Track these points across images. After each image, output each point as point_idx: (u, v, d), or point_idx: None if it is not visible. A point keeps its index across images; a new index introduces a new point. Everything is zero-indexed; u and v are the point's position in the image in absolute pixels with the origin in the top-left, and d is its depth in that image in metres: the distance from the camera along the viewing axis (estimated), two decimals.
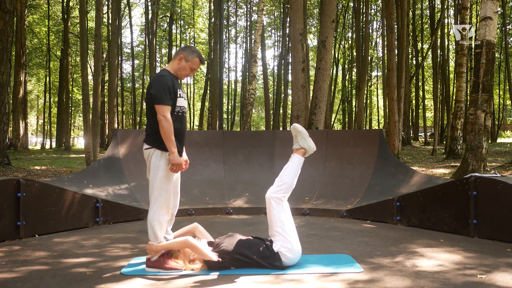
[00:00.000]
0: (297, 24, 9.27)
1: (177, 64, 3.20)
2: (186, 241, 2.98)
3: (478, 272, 2.83)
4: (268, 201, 3.12)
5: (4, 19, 10.62)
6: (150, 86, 3.11)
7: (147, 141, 3.15)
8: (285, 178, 3.15)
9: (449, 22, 24.95)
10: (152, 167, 3.09)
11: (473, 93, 7.08)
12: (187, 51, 3.21)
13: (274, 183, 3.18)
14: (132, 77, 30.14)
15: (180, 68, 3.20)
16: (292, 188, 3.17)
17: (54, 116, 33.38)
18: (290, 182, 3.15)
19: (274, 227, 3.07)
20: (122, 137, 6.81)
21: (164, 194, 3.07)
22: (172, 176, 3.12)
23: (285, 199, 3.14)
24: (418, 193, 4.64)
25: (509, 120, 40.71)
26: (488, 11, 6.92)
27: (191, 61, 3.20)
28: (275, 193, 3.11)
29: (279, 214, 3.07)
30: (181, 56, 3.19)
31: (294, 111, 9.42)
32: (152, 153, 3.11)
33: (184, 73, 3.22)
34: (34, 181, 4.25)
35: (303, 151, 3.27)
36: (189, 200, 6.07)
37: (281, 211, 3.08)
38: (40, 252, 3.51)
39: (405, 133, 22.16)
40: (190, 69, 3.23)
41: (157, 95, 3.04)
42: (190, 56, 3.20)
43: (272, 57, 42.91)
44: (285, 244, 3.00)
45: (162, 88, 3.05)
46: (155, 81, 3.11)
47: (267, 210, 3.14)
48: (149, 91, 3.09)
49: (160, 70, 3.24)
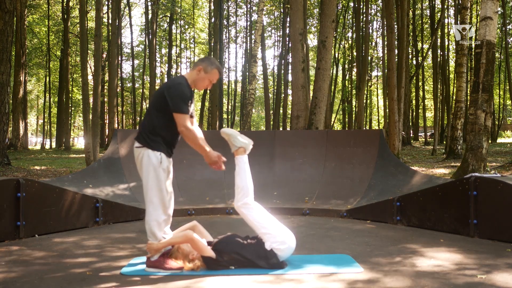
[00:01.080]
0: (297, 24, 9.27)
1: (196, 75, 3.19)
2: (186, 235, 2.98)
3: (478, 272, 2.83)
4: (239, 211, 3.18)
5: (4, 19, 10.62)
6: (167, 89, 3.07)
7: (139, 139, 3.11)
8: (239, 183, 3.22)
9: (449, 22, 24.98)
10: (144, 168, 3.06)
11: (473, 93, 7.08)
12: (206, 62, 3.20)
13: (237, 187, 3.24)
14: (132, 77, 30.14)
15: (199, 79, 3.19)
16: (250, 188, 3.21)
17: (54, 116, 33.36)
18: (245, 184, 3.20)
19: (257, 230, 3.12)
20: (122, 137, 6.81)
21: (158, 194, 3.06)
22: (165, 175, 3.10)
23: (251, 201, 3.18)
24: (418, 193, 4.64)
25: (509, 120, 40.71)
26: (488, 11, 6.92)
27: (210, 73, 3.20)
28: (238, 201, 3.18)
29: (253, 217, 3.12)
30: (200, 67, 3.18)
31: (294, 111, 9.42)
32: (143, 153, 3.07)
33: (202, 85, 3.22)
34: (34, 181, 4.26)
35: (242, 150, 3.31)
36: (189, 200, 6.07)
37: (253, 214, 3.12)
38: (40, 252, 3.51)
39: (405, 133, 22.16)
40: (208, 81, 3.22)
41: (176, 103, 3.03)
42: (209, 68, 3.19)
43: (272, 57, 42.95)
44: (273, 240, 3.02)
45: (181, 97, 3.04)
46: (173, 87, 3.07)
47: (244, 219, 3.18)
48: (164, 93, 3.06)
49: (178, 77, 3.21)
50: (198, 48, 33.94)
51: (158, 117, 3.09)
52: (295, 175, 6.72)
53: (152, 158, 3.04)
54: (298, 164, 6.85)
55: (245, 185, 3.20)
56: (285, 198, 6.11)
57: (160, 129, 3.08)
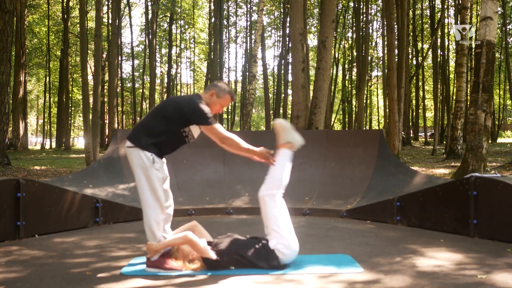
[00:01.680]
0: (297, 24, 9.27)
1: (209, 99, 3.20)
2: (185, 236, 2.98)
3: (478, 272, 2.83)
4: (262, 199, 3.12)
5: (4, 19, 10.62)
6: (187, 106, 3.06)
7: (131, 139, 3.10)
8: (276, 174, 3.14)
9: (449, 22, 24.97)
10: (136, 168, 3.06)
11: (473, 93, 7.08)
12: (218, 87, 3.22)
13: (264, 182, 3.17)
14: (132, 77, 30.13)
15: (211, 104, 3.20)
16: (284, 183, 3.15)
17: (54, 116, 33.36)
18: (280, 176, 3.13)
19: (269, 225, 3.06)
20: (122, 137, 6.81)
21: (153, 193, 3.05)
22: (157, 174, 3.08)
23: (279, 195, 3.11)
24: (418, 193, 4.64)
25: (509, 120, 40.71)
26: (488, 11, 6.92)
27: (222, 98, 3.21)
28: (267, 190, 3.11)
29: (272, 211, 3.06)
30: (213, 92, 3.20)
31: (294, 111, 9.41)
32: (134, 153, 3.06)
33: (214, 109, 3.23)
34: (34, 181, 4.26)
35: (291, 145, 3.26)
36: (189, 200, 6.07)
37: (274, 207, 3.07)
38: (40, 252, 3.51)
39: (405, 133, 22.16)
40: (220, 106, 3.24)
41: (205, 118, 3.05)
42: (222, 93, 3.21)
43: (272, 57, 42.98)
44: (280, 241, 2.98)
45: (204, 111, 3.06)
46: (192, 102, 3.07)
47: (261, 209, 3.13)
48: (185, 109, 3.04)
49: (195, 95, 3.20)
50: (198, 48, 33.94)
51: (161, 124, 3.07)
52: (295, 175, 6.67)
53: (144, 159, 3.02)
54: (298, 164, 6.81)
55: (280, 177, 3.13)
56: (285, 198, 6.06)
57: (157, 135, 3.07)
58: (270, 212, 3.06)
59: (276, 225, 3.02)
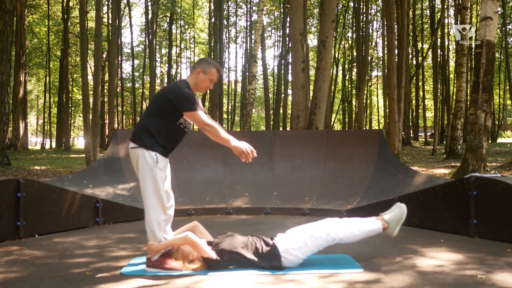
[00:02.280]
0: (297, 24, 9.27)
1: (196, 78, 3.20)
2: (186, 237, 2.98)
3: (478, 272, 2.83)
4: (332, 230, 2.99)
5: (4, 19, 10.62)
6: (172, 93, 3.08)
7: (134, 139, 3.10)
8: (358, 231, 3.04)
9: (449, 22, 24.97)
10: (140, 168, 3.05)
11: (473, 93, 7.08)
12: (203, 63, 3.22)
13: (346, 222, 3.06)
14: (132, 77, 30.13)
15: (200, 81, 3.20)
16: (351, 242, 3.09)
17: (54, 116, 33.37)
18: (358, 237, 3.06)
19: (306, 236, 2.97)
20: (122, 137, 6.81)
21: (156, 194, 3.05)
22: (161, 174, 3.09)
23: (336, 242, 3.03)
24: (418, 193, 4.63)
25: (509, 120, 40.71)
26: (488, 11, 6.92)
27: (209, 73, 3.21)
28: (343, 233, 2.99)
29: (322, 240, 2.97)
30: (198, 70, 3.19)
31: (294, 111, 9.41)
32: (138, 153, 3.06)
33: (204, 86, 3.22)
34: (34, 181, 4.25)
35: (386, 227, 3.16)
36: (189, 200, 6.07)
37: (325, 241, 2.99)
38: (40, 252, 3.51)
39: (405, 133, 22.16)
40: (209, 81, 3.23)
41: (186, 104, 3.04)
42: (207, 68, 3.20)
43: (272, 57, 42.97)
44: (298, 252, 2.95)
45: (187, 97, 3.06)
46: (178, 90, 3.09)
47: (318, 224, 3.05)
48: (166, 97, 3.07)
49: (179, 81, 3.21)
50: (198, 48, 33.94)
51: (157, 120, 3.09)
52: (295, 175, 6.71)
53: (148, 158, 3.03)
54: (298, 164, 6.85)
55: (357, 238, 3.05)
56: (285, 198, 6.11)
57: (156, 132, 3.08)
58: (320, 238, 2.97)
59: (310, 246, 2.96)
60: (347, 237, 3.03)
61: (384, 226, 3.16)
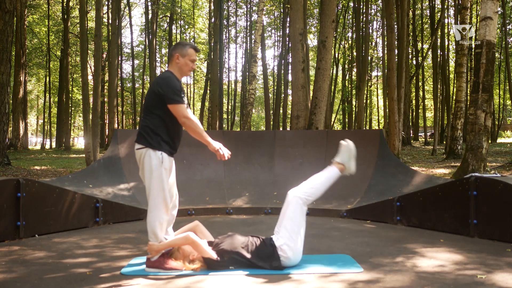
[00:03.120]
0: (297, 24, 9.27)
1: (176, 64, 3.20)
2: (187, 237, 2.98)
3: (478, 272, 2.83)
4: (293, 199, 3.10)
5: (4, 19, 10.62)
6: (157, 85, 3.10)
7: (139, 140, 3.11)
8: (317, 184, 3.15)
9: (449, 22, 24.96)
10: (146, 168, 3.06)
11: (473, 93, 7.08)
12: (179, 47, 3.22)
13: (301, 185, 3.17)
14: (132, 77, 30.13)
15: (181, 66, 3.20)
16: (317, 196, 3.16)
17: (54, 116, 33.37)
18: (319, 189, 3.15)
19: (284, 225, 3.05)
20: (122, 137, 6.81)
21: (161, 194, 3.05)
22: (167, 174, 3.09)
23: (307, 204, 3.12)
24: (418, 193, 4.64)
25: (509, 120, 40.71)
26: (488, 11, 6.92)
27: (188, 54, 3.21)
28: (302, 193, 3.11)
29: (295, 214, 3.06)
30: (176, 55, 3.20)
31: (294, 111, 9.41)
32: (144, 153, 3.07)
33: (187, 68, 3.23)
34: (34, 181, 4.25)
35: (342, 167, 3.27)
36: (189, 200, 6.07)
37: (298, 212, 3.07)
38: (40, 252, 3.51)
39: (405, 133, 22.15)
40: (190, 62, 3.23)
41: (170, 95, 3.05)
42: (184, 51, 3.20)
43: (272, 57, 42.91)
44: (289, 242, 2.98)
45: (172, 89, 3.06)
46: (162, 81, 3.10)
47: (284, 207, 3.12)
48: (156, 89, 3.08)
49: (164, 72, 3.23)
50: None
51: (154, 117, 3.10)
52: (295, 175, 6.71)
53: (153, 158, 3.04)
54: (298, 164, 6.85)
55: (319, 190, 3.16)
56: (285, 198, 6.09)
57: (157, 128, 3.08)
58: (293, 214, 3.06)
59: (291, 228, 3.02)
60: (311, 194, 3.12)
61: (340, 168, 3.27)
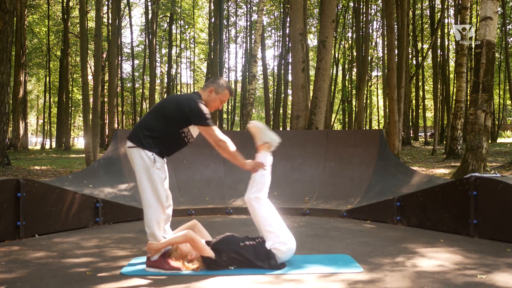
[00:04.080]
0: (297, 24, 9.27)
1: (207, 96, 3.22)
2: (186, 235, 2.98)
3: (478, 272, 2.83)
4: (249, 204, 3.15)
5: (4, 19, 10.62)
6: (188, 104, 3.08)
7: (132, 139, 3.10)
8: (257, 177, 3.18)
9: (449, 22, 24.96)
10: (137, 168, 3.06)
11: (473, 93, 7.08)
12: (217, 83, 3.24)
13: (248, 187, 3.21)
14: (132, 77, 30.13)
15: (211, 100, 3.22)
16: (267, 185, 3.18)
17: (54, 116, 33.37)
18: (261, 179, 3.17)
19: (261, 227, 3.10)
20: (122, 137, 6.81)
21: (154, 194, 3.05)
22: (160, 174, 3.08)
23: (264, 197, 3.15)
24: (418, 193, 4.64)
25: (509, 120, 40.70)
26: (488, 11, 6.92)
27: (221, 94, 3.24)
28: (251, 194, 3.15)
29: (261, 213, 3.09)
30: (211, 89, 3.22)
31: (294, 111, 9.41)
32: (135, 153, 3.06)
33: (214, 105, 3.25)
34: (34, 181, 4.25)
35: (268, 145, 3.30)
36: (189, 200, 6.07)
37: (262, 209, 3.10)
38: (40, 252, 3.51)
39: (405, 133, 22.15)
40: (220, 102, 3.26)
41: (203, 118, 3.07)
42: (220, 89, 3.23)
43: (272, 57, 42.92)
44: (276, 240, 3.01)
45: (204, 112, 3.08)
46: (194, 102, 3.09)
47: (251, 213, 3.17)
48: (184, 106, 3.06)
49: (194, 94, 3.22)
50: (198, 48, 33.95)
51: (160, 124, 3.08)
52: (295, 175, 6.72)
53: (145, 158, 3.03)
54: (298, 164, 6.85)
55: (263, 180, 3.17)
56: (285, 198, 6.11)
57: (157, 135, 3.07)
58: (259, 214, 3.10)
59: (268, 226, 3.06)
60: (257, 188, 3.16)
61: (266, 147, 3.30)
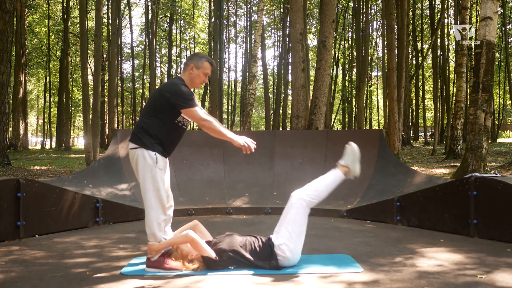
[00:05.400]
0: (297, 24, 9.27)
1: (189, 74, 3.21)
2: (187, 235, 2.98)
3: (478, 272, 2.83)
4: (297, 201, 3.07)
5: (4, 19, 10.62)
6: (167, 90, 3.09)
7: (133, 140, 3.10)
8: (321, 187, 3.13)
9: (449, 22, 24.96)
10: (140, 169, 3.06)
11: (473, 93, 7.08)
12: (195, 58, 3.23)
13: (305, 187, 3.15)
14: (132, 77, 30.14)
15: (194, 77, 3.21)
16: (321, 199, 3.14)
17: (54, 116, 33.38)
18: (323, 191, 3.13)
19: (285, 224, 3.04)
20: (122, 137, 6.81)
21: (156, 194, 3.05)
22: (162, 175, 3.09)
23: (310, 206, 3.10)
24: (418, 193, 4.64)
25: (509, 120, 40.70)
26: (488, 11, 6.92)
27: (202, 67, 3.22)
28: (306, 195, 3.08)
29: (297, 216, 3.04)
30: (191, 66, 3.21)
31: (294, 111, 9.42)
32: (138, 154, 3.06)
33: (198, 81, 3.23)
34: (34, 181, 4.25)
35: (346, 170, 3.25)
36: (189, 200, 6.07)
37: (301, 214, 3.05)
38: (40, 252, 3.51)
39: (405, 133, 22.15)
40: (203, 75, 3.24)
41: (183, 101, 3.05)
42: (200, 63, 3.21)
43: (272, 57, 42.92)
44: (288, 243, 2.97)
45: (184, 94, 3.07)
46: (173, 86, 3.10)
47: (287, 208, 3.10)
48: (164, 94, 3.07)
49: (173, 79, 3.23)
50: (198, 48, 33.94)
51: (155, 120, 3.09)
52: (295, 175, 6.71)
53: (147, 159, 3.03)
54: (298, 164, 6.85)
55: (324, 193, 3.14)
56: (285, 198, 6.05)
57: (154, 132, 3.08)
58: (295, 215, 3.04)
59: (292, 229, 3.01)
60: (315, 196, 3.09)
61: (344, 171, 3.25)
